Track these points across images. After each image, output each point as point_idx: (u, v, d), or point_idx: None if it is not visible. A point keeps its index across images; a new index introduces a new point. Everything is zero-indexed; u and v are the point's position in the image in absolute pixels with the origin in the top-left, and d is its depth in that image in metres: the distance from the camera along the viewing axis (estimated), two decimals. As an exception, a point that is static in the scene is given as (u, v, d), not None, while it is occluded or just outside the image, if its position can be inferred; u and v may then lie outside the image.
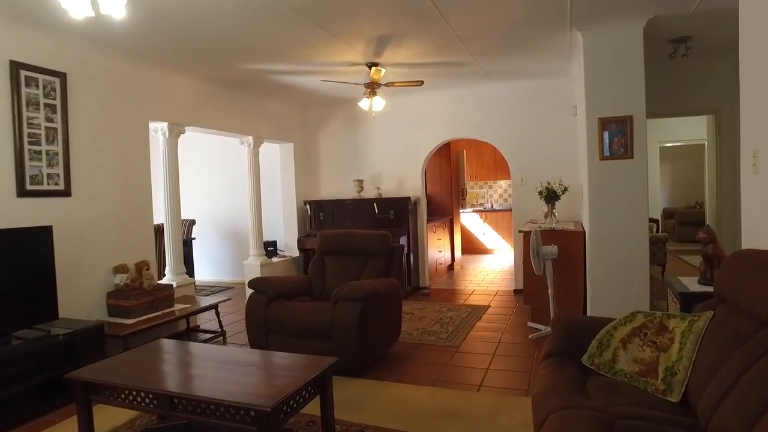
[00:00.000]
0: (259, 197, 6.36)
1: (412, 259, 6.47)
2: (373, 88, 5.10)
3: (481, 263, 8.70)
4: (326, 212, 6.83)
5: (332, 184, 7.18)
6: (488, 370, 3.59)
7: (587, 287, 4.32)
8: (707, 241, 2.90)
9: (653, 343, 2.07)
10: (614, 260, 4.10)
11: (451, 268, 8.04)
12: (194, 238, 7.13)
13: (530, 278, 4.65)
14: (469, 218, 9.90)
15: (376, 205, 6.47)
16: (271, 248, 6.99)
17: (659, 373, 1.94)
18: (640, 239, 4.04)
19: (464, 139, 7.14)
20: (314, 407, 2.41)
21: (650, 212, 4.53)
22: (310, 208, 6.92)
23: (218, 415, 2.05)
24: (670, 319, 2.13)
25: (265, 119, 6.40)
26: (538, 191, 5.06)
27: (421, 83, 5.20)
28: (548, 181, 5.10)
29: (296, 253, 6.98)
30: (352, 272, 4.14)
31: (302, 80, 5.54)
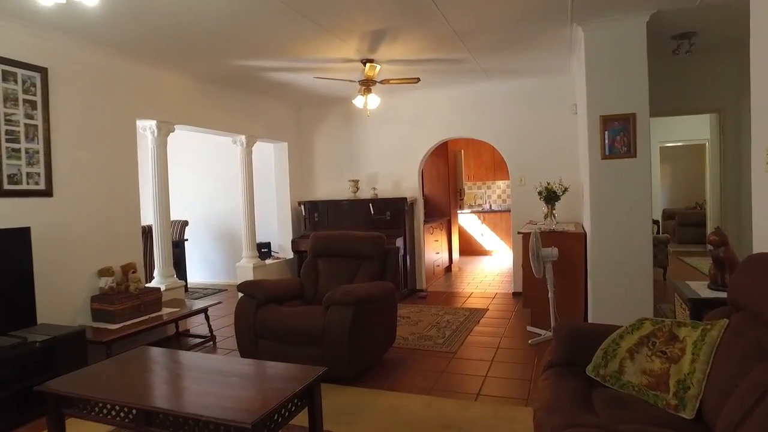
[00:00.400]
0: (252, 197, 6.22)
1: (408, 260, 6.32)
2: (368, 85, 4.96)
3: (479, 265, 8.57)
4: (321, 213, 6.68)
5: (327, 184, 7.04)
6: (486, 377, 3.45)
7: (588, 290, 4.19)
8: (719, 243, 2.75)
9: (663, 353, 1.93)
10: (616, 263, 3.96)
11: (448, 270, 7.90)
12: (187, 239, 6.99)
13: (529, 281, 4.52)
14: (467, 219, 9.78)
15: (371, 205, 6.32)
16: (264, 250, 6.86)
17: (670, 386, 1.81)
18: (643, 241, 3.91)
19: (462, 138, 7.00)
20: (305, 416, 2.27)
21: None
22: (304, 208, 6.78)
23: (197, 431, 1.91)
24: (680, 327, 1.99)
25: (258, 118, 6.26)
26: (537, 191, 4.93)
27: (417, 80, 5.06)
28: (548, 181, 4.97)
29: (290, 254, 6.83)
30: (345, 275, 4.00)
31: (296, 78, 5.40)
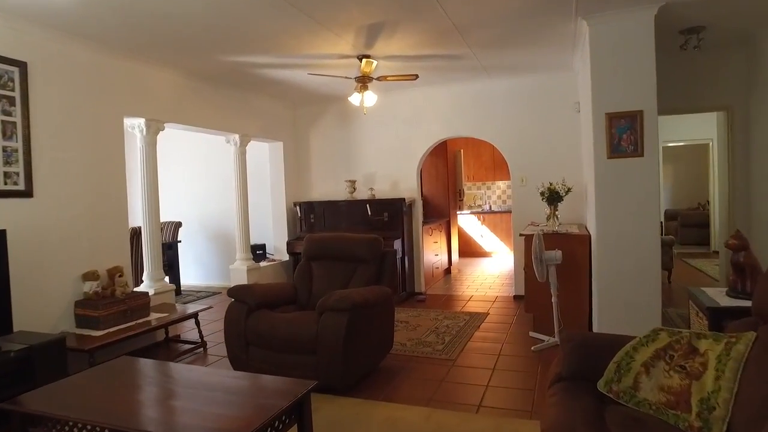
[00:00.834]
0: (246, 198, 6.05)
1: (406, 263, 6.16)
2: (364, 82, 4.79)
3: (479, 267, 8.40)
4: (317, 214, 6.51)
5: (323, 184, 6.87)
6: (488, 387, 3.29)
7: (593, 295, 4.03)
8: (739, 247, 2.57)
9: (682, 368, 1.77)
10: (623, 266, 3.80)
11: (448, 272, 7.74)
12: (180, 241, 6.82)
13: (531, 285, 4.36)
14: (466, 220, 9.61)
15: (369, 206, 6.15)
16: (259, 252, 6.69)
17: (692, 405, 1.64)
18: (651, 243, 3.74)
19: (461, 137, 6.82)
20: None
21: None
22: (300, 209, 6.60)
23: (173, 453, 1.75)
24: (700, 339, 1.83)
25: (252, 116, 6.09)
26: (539, 192, 4.77)
27: (415, 77, 4.89)
28: (550, 181, 4.81)
29: (286, 256, 6.66)
30: (340, 279, 3.84)
31: (290, 75, 5.24)
